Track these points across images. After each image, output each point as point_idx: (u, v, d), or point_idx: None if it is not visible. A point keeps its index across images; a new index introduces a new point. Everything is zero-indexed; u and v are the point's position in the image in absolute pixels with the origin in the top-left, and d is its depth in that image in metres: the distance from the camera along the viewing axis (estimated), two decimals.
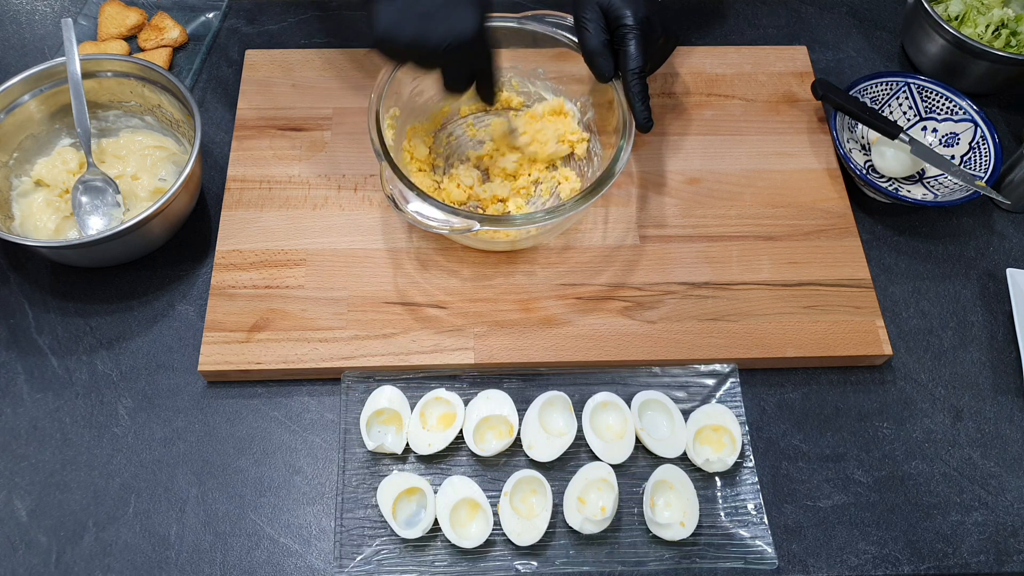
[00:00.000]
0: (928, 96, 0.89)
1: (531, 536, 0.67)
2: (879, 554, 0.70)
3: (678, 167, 0.87)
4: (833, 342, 0.77)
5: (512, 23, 0.81)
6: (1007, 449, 0.75)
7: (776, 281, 0.80)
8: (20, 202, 0.82)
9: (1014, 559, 0.70)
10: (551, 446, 0.71)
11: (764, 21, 1.02)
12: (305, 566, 0.68)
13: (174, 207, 0.77)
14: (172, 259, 0.82)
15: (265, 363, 0.74)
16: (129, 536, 0.69)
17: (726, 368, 0.76)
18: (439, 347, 0.76)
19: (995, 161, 0.84)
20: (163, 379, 0.76)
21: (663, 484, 0.70)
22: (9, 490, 0.71)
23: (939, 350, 0.80)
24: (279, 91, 0.91)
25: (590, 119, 0.86)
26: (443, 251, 0.81)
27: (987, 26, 0.92)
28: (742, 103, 0.92)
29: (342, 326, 0.76)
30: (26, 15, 1.00)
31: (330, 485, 0.72)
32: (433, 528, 0.68)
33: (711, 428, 0.73)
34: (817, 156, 0.89)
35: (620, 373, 0.76)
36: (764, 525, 0.69)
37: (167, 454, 0.73)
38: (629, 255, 0.81)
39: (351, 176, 0.85)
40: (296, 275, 0.79)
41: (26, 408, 0.74)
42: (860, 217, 0.87)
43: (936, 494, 0.73)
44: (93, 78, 0.82)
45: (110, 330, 0.78)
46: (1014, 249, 0.86)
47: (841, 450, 0.75)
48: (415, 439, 0.71)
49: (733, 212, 0.85)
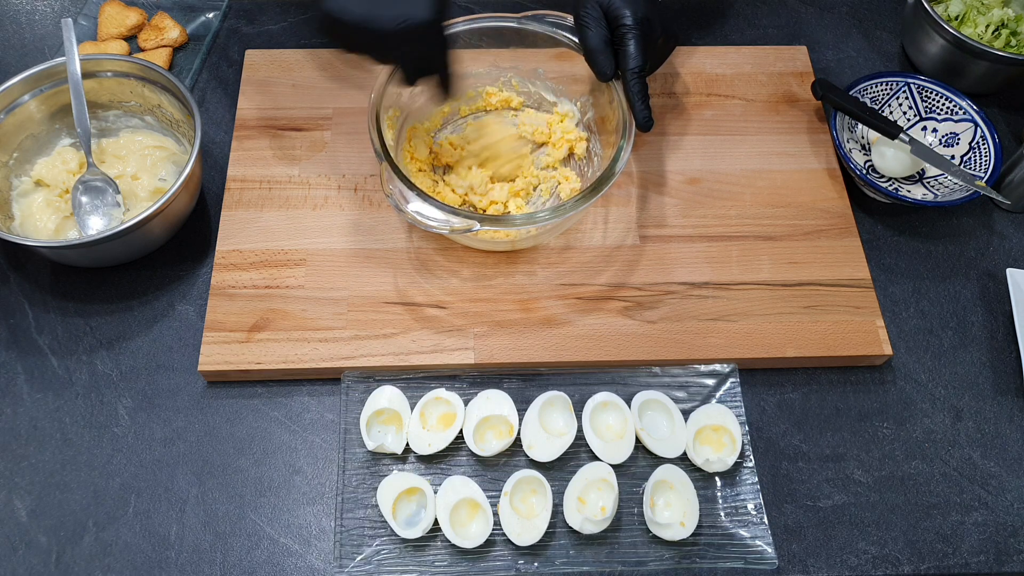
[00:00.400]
0: (928, 96, 0.89)
1: (531, 536, 0.67)
2: (879, 554, 0.70)
3: (678, 167, 0.87)
4: (833, 342, 0.77)
5: (512, 23, 0.81)
6: (1007, 449, 0.75)
7: (776, 281, 0.80)
8: (20, 202, 0.82)
9: (1014, 559, 0.70)
10: (551, 446, 0.71)
11: (764, 21, 1.02)
12: (305, 566, 0.68)
13: (174, 207, 0.77)
14: (172, 259, 0.82)
15: (265, 363, 0.74)
16: (129, 536, 0.69)
17: (726, 368, 0.76)
18: (439, 347, 0.76)
19: (995, 161, 0.84)
20: (163, 379, 0.76)
21: (663, 484, 0.70)
22: (9, 490, 0.71)
23: (939, 350, 0.80)
24: (279, 91, 0.91)
25: (590, 119, 0.86)
26: (443, 251, 0.81)
27: (987, 26, 0.92)
28: (742, 103, 0.92)
29: (342, 326, 0.76)
30: (26, 15, 1.00)
31: (330, 485, 0.72)
32: (433, 528, 0.68)
33: (711, 428, 0.73)
34: (817, 156, 0.89)
35: (620, 373, 0.76)
36: (764, 525, 0.69)
37: (167, 454, 0.73)
38: (629, 255, 0.81)
39: (351, 176, 0.85)
40: (296, 275, 0.79)
41: (26, 408, 0.74)
42: (860, 217, 0.87)
43: (936, 494, 0.73)
44: (93, 78, 0.82)
45: (110, 330, 0.78)
46: (1014, 249, 0.86)
47: (841, 450, 0.75)
48: (415, 439, 0.71)
49: (733, 212, 0.85)
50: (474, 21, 0.81)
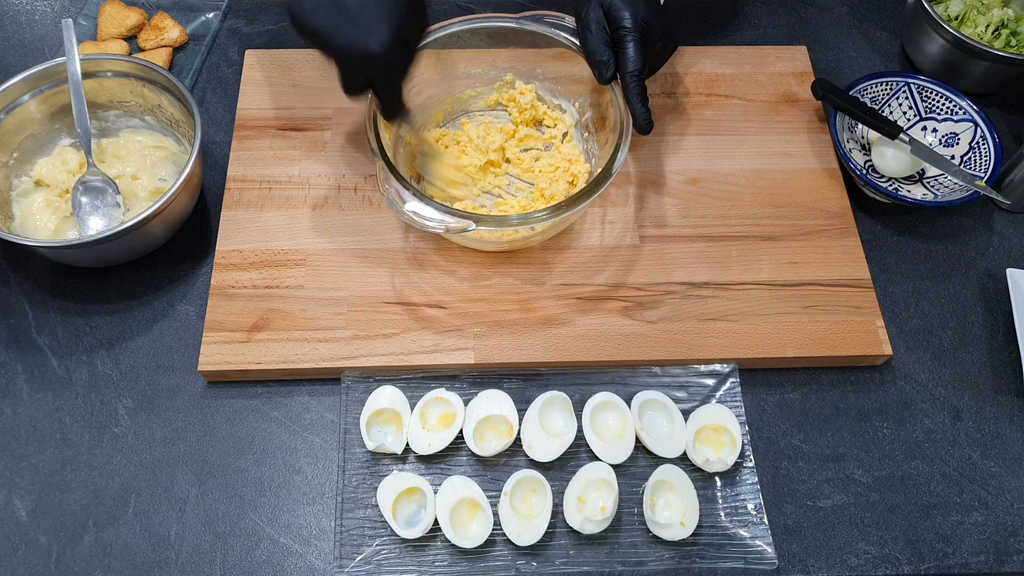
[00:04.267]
0: (928, 96, 0.89)
1: (531, 536, 0.67)
2: (879, 554, 0.70)
3: (678, 167, 0.87)
4: (833, 342, 0.77)
5: (512, 23, 0.81)
6: (1007, 449, 0.75)
7: (776, 281, 0.80)
8: (20, 202, 0.82)
9: (1014, 559, 0.70)
10: (551, 446, 0.71)
11: (764, 21, 1.02)
12: (305, 566, 0.68)
13: (174, 207, 0.77)
14: (172, 259, 0.82)
15: (265, 363, 0.74)
16: (129, 536, 0.69)
17: (726, 368, 0.76)
18: (439, 347, 0.76)
19: (995, 161, 0.84)
20: (163, 379, 0.76)
21: (663, 484, 0.70)
22: (9, 490, 0.71)
23: (939, 350, 0.80)
24: (279, 91, 0.91)
25: (588, 119, 0.86)
26: (443, 251, 0.81)
27: (987, 26, 0.92)
28: (742, 103, 0.92)
29: (342, 326, 0.76)
30: (26, 15, 1.00)
31: (330, 485, 0.72)
32: (433, 528, 0.68)
33: (711, 428, 0.73)
34: (817, 156, 0.89)
35: (620, 373, 0.76)
36: (764, 525, 0.69)
37: (167, 454, 0.73)
38: (629, 255, 0.81)
39: (351, 176, 0.85)
40: (296, 275, 0.79)
41: (26, 408, 0.74)
42: (860, 217, 0.87)
43: (936, 494, 0.73)
44: (93, 78, 0.82)
45: (110, 330, 0.78)
46: (1014, 249, 0.86)
47: (841, 450, 0.75)
48: (415, 439, 0.71)
49: (733, 212, 0.85)
50: (474, 21, 0.81)
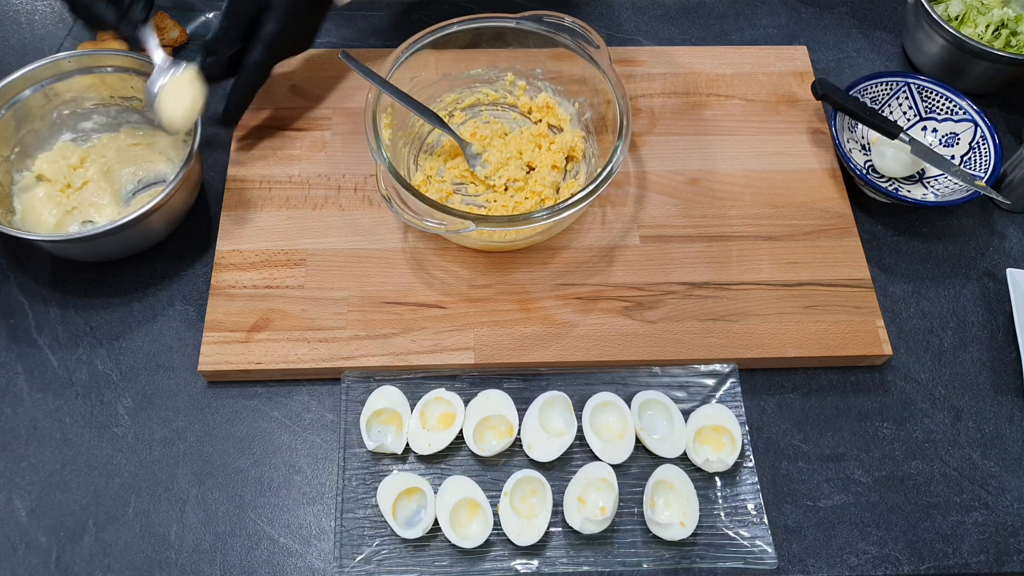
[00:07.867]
0: (928, 96, 0.89)
1: (531, 536, 0.67)
2: (879, 554, 0.70)
3: (678, 167, 0.87)
4: (833, 342, 0.77)
5: (510, 23, 0.81)
6: (1007, 449, 0.75)
7: (776, 281, 0.80)
8: (21, 196, 0.82)
9: (1014, 559, 0.70)
10: (551, 446, 0.71)
11: (764, 21, 1.02)
12: (305, 566, 0.68)
13: (174, 202, 0.77)
14: (172, 259, 0.82)
15: (265, 363, 0.74)
16: (129, 536, 0.69)
17: (726, 368, 0.76)
18: (439, 347, 0.76)
19: (995, 161, 0.84)
20: (163, 379, 0.76)
21: (663, 484, 0.70)
22: (9, 490, 0.71)
23: (939, 350, 0.80)
24: (279, 91, 0.91)
25: (588, 119, 0.86)
26: (443, 251, 0.81)
27: (987, 26, 0.92)
28: (742, 103, 0.92)
29: (342, 326, 0.76)
30: (26, 15, 1.00)
31: (330, 485, 0.72)
32: (433, 528, 0.68)
33: (711, 428, 0.73)
34: (817, 156, 0.89)
35: (620, 373, 0.76)
36: (764, 525, 0.69)
37: (167, 454, 0.73)
38: (629, 255, 0.81)
39: (351, 176, 0.85)
40: (296, 275, 0.79)
41: (26, 408, 0.74)
42: (860, 217, 0.87)
43: (936, 494, 0.73)
44: (94, 73, 0.82)
45: (110, 329, 0.78)
46: (1014, 249, 0.86)
47: (841, 450, 0.75)
48: (415, 439, 0.71)
49: (733, 212, 0.85)
50: (473, 21, 0.81)
